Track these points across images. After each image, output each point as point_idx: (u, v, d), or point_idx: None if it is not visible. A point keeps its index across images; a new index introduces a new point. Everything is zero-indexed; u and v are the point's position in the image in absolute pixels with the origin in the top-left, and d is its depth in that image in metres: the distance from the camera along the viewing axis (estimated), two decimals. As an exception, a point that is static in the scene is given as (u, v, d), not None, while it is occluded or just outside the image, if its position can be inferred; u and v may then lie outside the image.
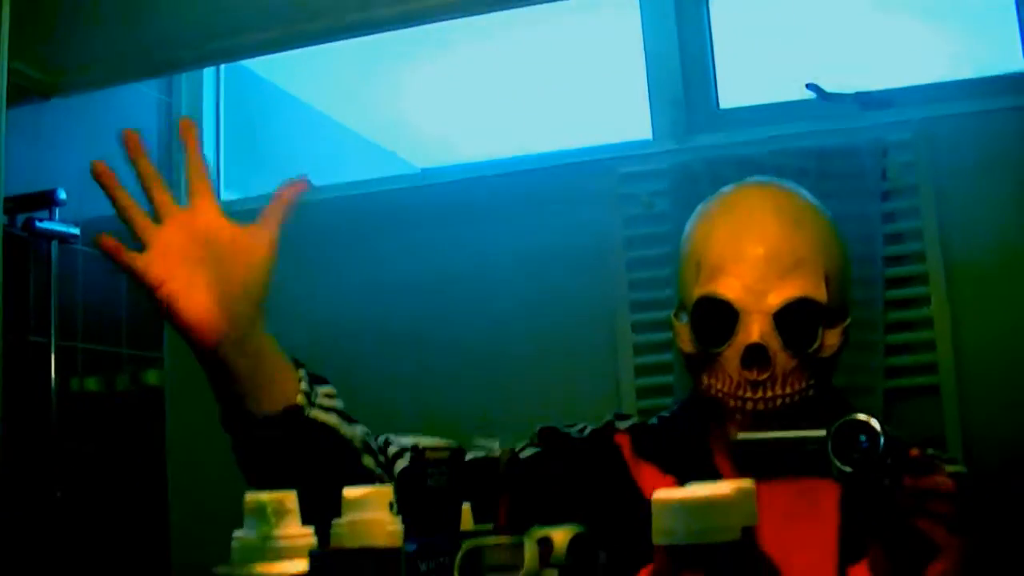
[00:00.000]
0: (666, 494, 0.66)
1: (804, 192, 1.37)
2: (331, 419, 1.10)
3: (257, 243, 1.12)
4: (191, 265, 1.09)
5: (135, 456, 2.15)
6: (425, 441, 0.76)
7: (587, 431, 1.40)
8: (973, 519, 1.04)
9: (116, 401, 2.14)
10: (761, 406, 1.27)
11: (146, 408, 2.20)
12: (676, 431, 1.37)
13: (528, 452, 1.36)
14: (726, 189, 1.39)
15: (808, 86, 1.93)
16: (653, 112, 2.02)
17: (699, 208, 1.39)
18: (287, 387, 1.11)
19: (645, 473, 1.33)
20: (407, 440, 0.74)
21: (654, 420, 1.42)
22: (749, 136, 1.91)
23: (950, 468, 1.25)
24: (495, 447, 0.83)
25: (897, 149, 1.82)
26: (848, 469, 0.99)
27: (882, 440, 0.98)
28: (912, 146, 1.81)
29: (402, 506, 0.79)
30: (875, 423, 0.99)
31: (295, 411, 1.09)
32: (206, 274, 1.09)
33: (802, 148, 1.83)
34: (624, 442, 1.37)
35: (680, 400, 1.51)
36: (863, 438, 0.99)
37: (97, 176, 1.12)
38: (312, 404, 1.10)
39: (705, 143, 1.95)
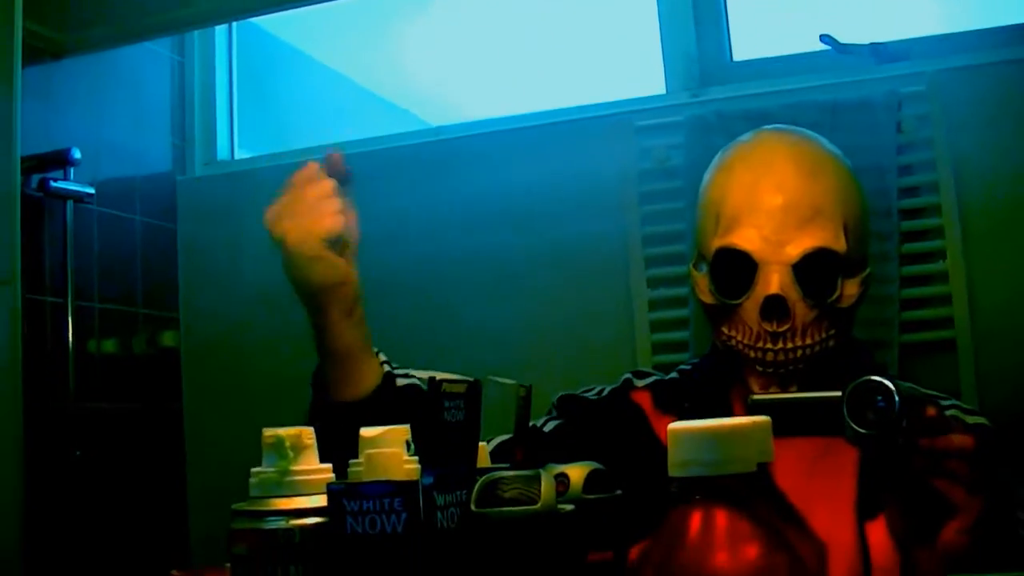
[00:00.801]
0: (682, 425, 0.67)
1: (823, 140, 1.36)
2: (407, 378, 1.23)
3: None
4: None
5: (152, 416, 2.16)
6: (442, 374, 0.76)
7: (605, 392, 1.40)
8: (991, 476, 1.04)
9: (132, 362, 2.15)
10: (781, 357, 1.27)
11: (162, 369, 2.21)
12: (697, 384, 1.37)
13: (551, 425, 1.36)
14: (744, 138, 1.38)
15: (822, 38, 1.92)
16: (667, 66, 2.02)
17: (717, 157, 1.38)
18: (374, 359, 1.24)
19: (665, 425, 1.33)
20: (423, 373, 0.74)
21: (674, 374, 1.42)
22: (763, 89, 1.90)
23: (971, 419, 1.26)
24: (510, 383, 0.83)
25: (912, 102, 1.81)
26: (863, 431, 0.99)
27: (897, 401, 0.98)
28: (927, 98, 1.80)
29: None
30: (890, 384, 0.98)
31: (389, 377, 1.22)
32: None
33: (816, 101, 1.81)
34: (644, 399, 1.38)
35: (699, 353, 1.51)
36: (879, 399, 0.99)
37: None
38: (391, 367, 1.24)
39: (719, 96, 1.94)
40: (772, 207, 1.29)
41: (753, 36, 2.01)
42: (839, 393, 1.01)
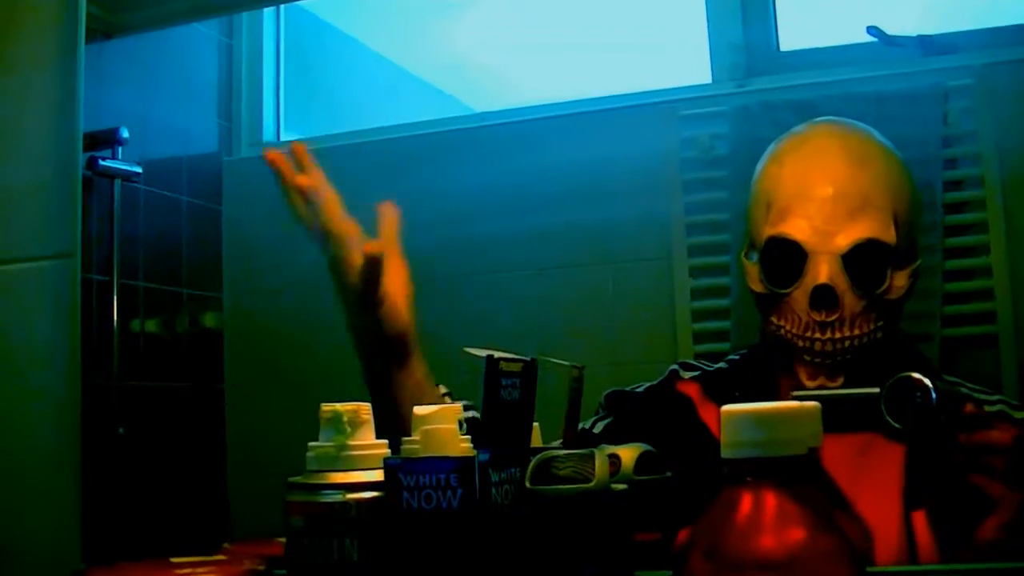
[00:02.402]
0: (735, 407, 0.68)
1: (874, 132, 1.37)
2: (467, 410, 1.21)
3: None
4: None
5: (194, 395, 2.18)
6: (499, 353, 0.77)
7: (651, 386, 1.42)
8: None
9: (176, 341, 2.17)
10: (829, 347, 1.28)
11: (205, 348, 2.23)
12: (746, 373, 1.38)
13: (600, 426, 1.37)
14: (796, 129, 1.39)
15: (869, 30, 1.91)
16: (713, 55, 2.01)
17: (770, 148, 1.40)
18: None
19: (712, 414, 1.34)
20: (481, 352, 0.76)
21: (723, 364, 1.43)
22: (809, 79, 1.89)
23: (1018, 415, 1.26)
24: (564, 363, 0.84)
25: (958, 94, 1.80)
26: (900, 427, 0.99)
27: (934, 397, 0.98)
28: (973, 91, 1.79)
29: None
30: (927, 380, 0.99)
31: None
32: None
33: (862, 92, 1.81)
34: (692, 389, 1.39)
35: (740, 343, 1.52)
36: (917, 395, 0.99)
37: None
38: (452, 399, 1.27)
39: (764, 86, 1.93)
40: (822, 197, 1.30)
41: (800, 27, 2.00)
42: (877, 389, 1.01)
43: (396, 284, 1.23)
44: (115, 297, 1.99)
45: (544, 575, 0.77)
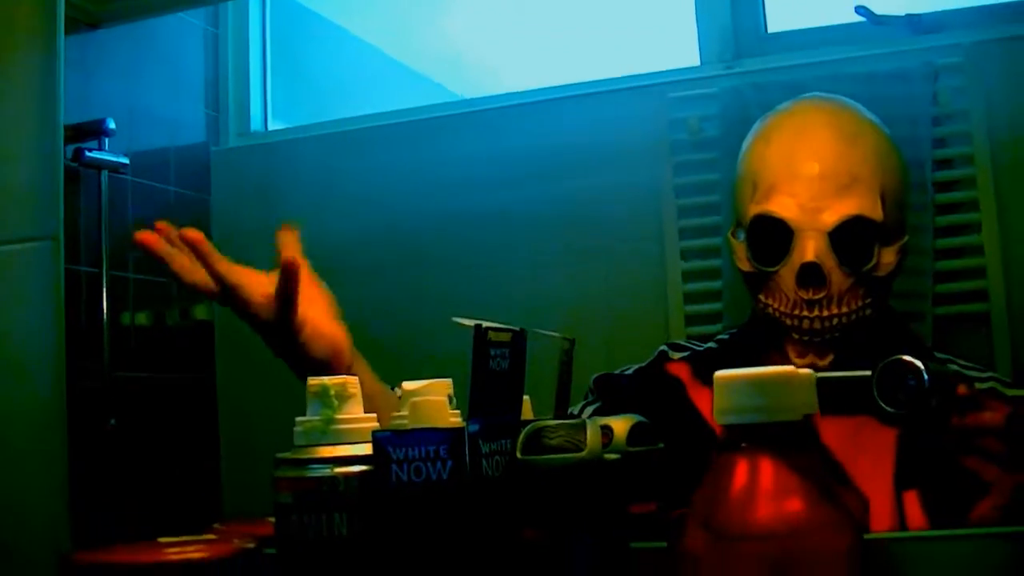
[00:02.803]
0: (729, 373, 0.67)
1: (861, 108, 1.36)
2: None
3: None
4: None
5: (186, 386, 2.17)
6: (487, 323, 0.77)
7: (641, 368, 1.41)
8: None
9: (166, 332, 2.16)
10: (817, 325, 1.27)
11: (196, 339, 2.22)
12: (736, 353, 1.38)
13: (589, 410, 1.37)
14: (782, 106, 1.39)
15: (857, 9, 1.90)
16: (701, 37, 2.01)
17: (755, 125, 1.39)
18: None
19: (703, 396, 1.34)
20: (468, 321, 0.75)
21: (712, 344, 1.43)
22: (798, 60, 1.89)
23: (1011, 392, 1.26)
24: (555, 335, 0.84)
25: (948, 73, 1.79)
26: (893, 410, 0.99)
27: (927, 380, 0.98)
28: (963, 70, 1.78)
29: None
30: (919, 363, 0.98)
31: None
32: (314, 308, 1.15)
33: (851, 72, 1.80)
34: (682, 370, 1.38)
35: (732, 325, 1.51)
36: (909, 378, 0.99)
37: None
38: None
39: (753, 68, 1.93)
40: (808, 175, 1.29)
41: (788, 8, 2.00)
42: (869, 372, 1.01)
43: (315, 306, 1.21)
44: (104, 289, 1.98)
45: (538, 547, 0.76)
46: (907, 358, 1.00)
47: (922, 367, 0.98)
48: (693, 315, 1.88)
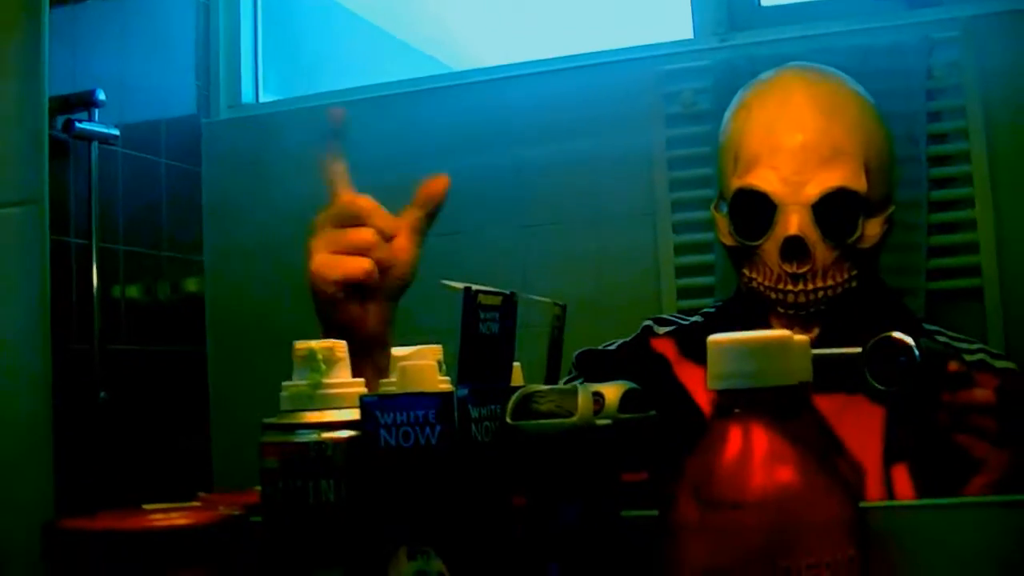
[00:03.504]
0: (722, 337, 0.66)
1: (844, 77, 1.35)
2: None
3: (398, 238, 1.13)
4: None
5: (176, 358, 2.16)
6: (477, 285, 0.76)
7: (625, 343, 1.40)
8: (1018, 427, 1.04)
9: (157, 304, 2.16)
10: (802, 299, 1.26)
11: (187, 311, 2.22)
12: (721, 327, 1.37)
13: None
14: (764, 76, 1.37)
15: (853, -20, 1.90)
16: (695, 10, 2.00)
17: (737, 96, 1.38)
18: None
19: (690, 373, 1.33)
20: (459, 284, 0.74)
21: (698, 318, 1.42)
22: (792, 33, 1.88)
23: (1000, 364, 1.25)
24: (545, 300, 0.83)
25: (943, 47, 1.78)
26: (883, 388, 0.98)
27: (918, 357, 0.97)
28: (959, 44, 1.77)
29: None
30: (910, 340, 0.98)
31: None
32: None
33: (846, 46, 1.79)
34: (666, 346, 1.37)
35: (724, 298, 1.51)
36: (901, 356, 0.98)
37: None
38: None
39: (747, 41, 1.92)
40: (790, 147, 1.28)
41: (783, -20, 1.99)
42: (859, 350, 1.00)
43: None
44: (94, 261, 1.97)
45: (528, 513, 0.75)
46: (898, 335, 0.99)
47: (913, 344, 0.97)
48: (685, 288, 1.88)
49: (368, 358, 1.07)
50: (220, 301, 2.23)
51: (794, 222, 1.25)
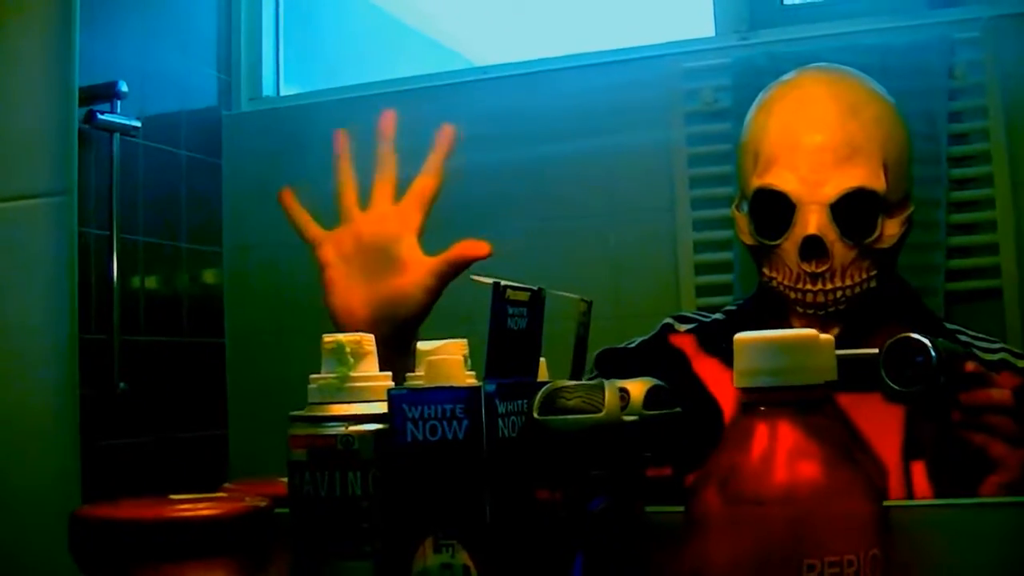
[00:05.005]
0: (749, 335, 0.67)
1: (864, 77, 1.36)
2: None
3: (415, 274, 1.13)
4: (351, 265, 1.13)
5: (195, 350, 2.17)
6: (505, 281, 0.76)
7: (645, 340, 1.41)
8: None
9: (176, 295, 2.16)
10: (821, 298, 1.26)
11: (205, 303, 2.22)
12: (742, 324, 1.37)
13: None
14: (784, 77, 1.38)
15: (875, -19, 1.90)
16: (716, 7, 2.00)
17: (759, 96, 1.38)
18: None
19: (709, 368, 1.34)
20: (487, 279, 0.74)
21: (719, 315, 1.42)
22: (813, 32, 1.88)
23: (1021, 363, 1.25)
24: (572, 296, 0.83)
25: (965, 47, 1.78)
26: (900, 388, 0.98)
27: (935, 358, 0.97)
28: (980, 44, 1.77)
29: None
30: (927, 341, 0.98)
31: None
32: (359, 277, 1.12)
33: (867, 44, 1.79)
34: (686, 342, 1.38)
35: (743, 297, 1.51)
36: (918, 356, 0.98)
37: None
38: None
39: (768, 39, 1.92)
40: (809, 146, 1.29)
41: (805, -22, 1.99)
42: (875, 351, 1.00)
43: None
44: (114, 252, 1.97)
45: (553, 508, 0.76)
46: (915, 335, 0.99)
47: (929, 345, 0.97)
48: (704, 286, 1.88)
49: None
50: (239, 293, 2.24)
51: (812, 222, 1.26)
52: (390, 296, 1.13)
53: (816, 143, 1.29)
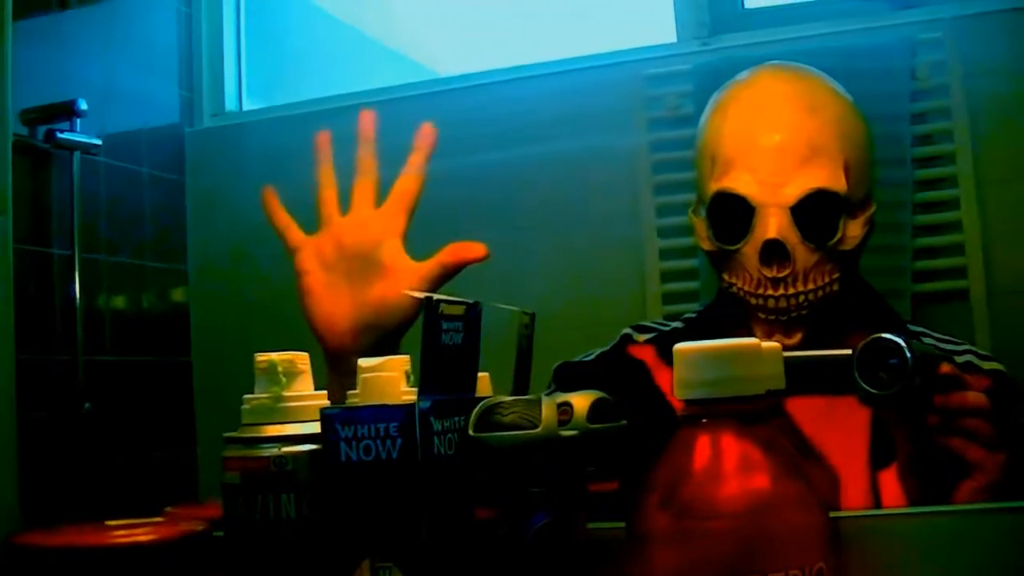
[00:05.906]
0: (689, 345, 0.65)
1: (821, 75, 1.33)
2: None
3: (401, 279, 1.11)
4: (332, 272, 1.10)
5: (161, 369, 2.15)
6: (439, 295, 0.74)
7: (603, 352, 1.39)
8: (1010, 430, 1.02)
9: (141, 314, 2.15)
10: (783, 303, 1.23)
11: (171, 321, 2.20)
12: (702, 332, 1.35)
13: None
14: (740, 76, 1.35)
15: (836, -19, 1.89)
16: (677, 13, 1.99)
17: (713, 97, 1.36)
18: None
19: (668, 377, 1.31)
20: (420, 294, 0.72)
21: (679, 324, 1.40)
22: (775, 36, 1.87)
23: (987, 365, 1.23)
24: (513, 308, 0.81)
25: (927, 48, 1.78)
26: (875, 391, 0.97)
27: (910, 360, 0.95)
28: (943, 45, 1.77)
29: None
30: (902, 342, 0.96)
31: None
32: (341, 284, 1.09)
33: (829, 47, 1.79)
34: (646, 352, 1.35)
35: (705, 303, 1.49)
36: (892, 358, 0.97)
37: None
38: None
39: (730, 44, 1.91)
40: (767, 148, 1.25)
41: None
42: (849, 352, 0.98)
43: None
44: (77, 271, 1.96)
45: (492, 526, 0.74)
46: (889, 337, 0.97)
47: (904, 346, 0.95)
48: (670, 293, 1.87)
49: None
50: (205, 310, 2.22)
51: (772, 225, 1.22)
52: (374, 304, 1.09)
53: (775, 143, 1.25)
